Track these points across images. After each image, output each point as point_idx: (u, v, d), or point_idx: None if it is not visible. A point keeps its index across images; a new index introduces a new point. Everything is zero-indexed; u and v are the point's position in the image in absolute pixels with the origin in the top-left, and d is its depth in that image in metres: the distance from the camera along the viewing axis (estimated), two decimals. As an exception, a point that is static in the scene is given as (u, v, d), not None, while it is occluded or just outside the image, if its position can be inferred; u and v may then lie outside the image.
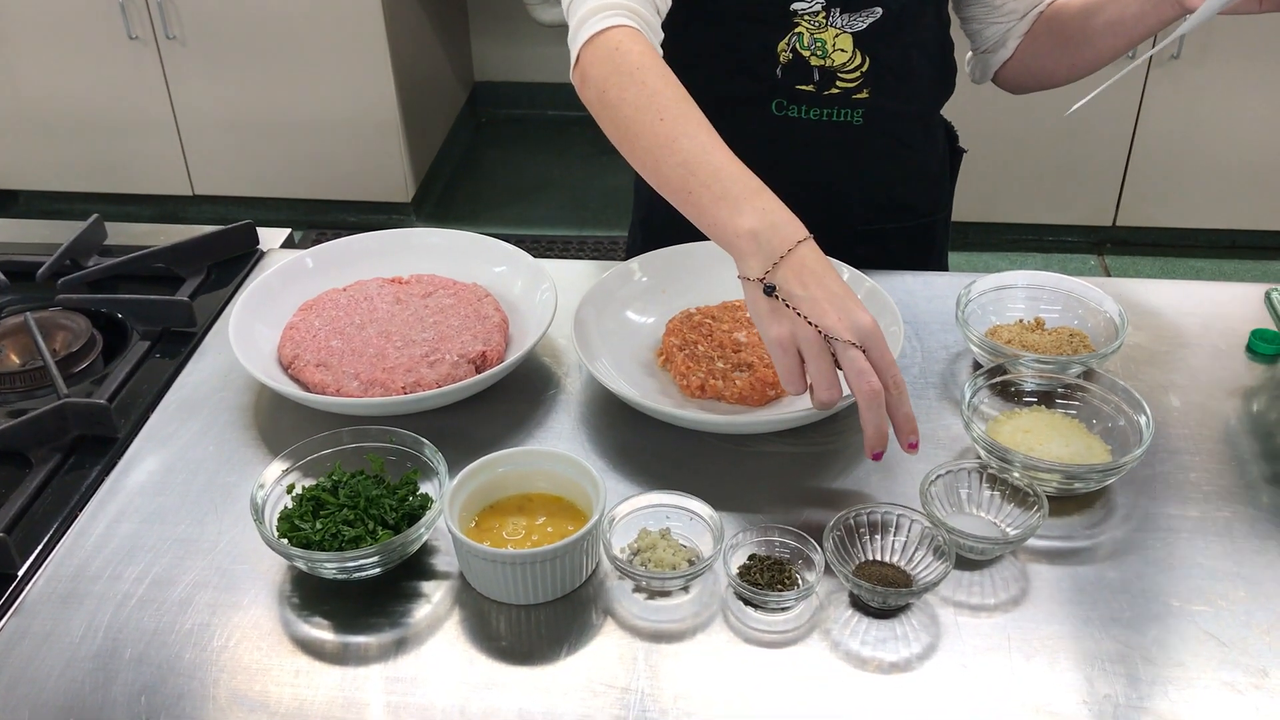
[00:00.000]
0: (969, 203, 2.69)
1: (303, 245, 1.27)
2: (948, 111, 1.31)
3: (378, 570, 0.85)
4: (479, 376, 0.99)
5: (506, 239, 1.19)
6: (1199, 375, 1.04)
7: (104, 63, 2.99)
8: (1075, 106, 1.06)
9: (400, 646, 0.80)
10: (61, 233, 1.26)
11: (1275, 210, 2.88)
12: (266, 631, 0.82)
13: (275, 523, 0.87)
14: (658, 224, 1.32)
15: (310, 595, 0.85)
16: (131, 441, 1.00)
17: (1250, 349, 1.07)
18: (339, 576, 0.84)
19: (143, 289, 1.20)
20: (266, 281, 1.13)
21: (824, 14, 1.13)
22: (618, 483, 0.93)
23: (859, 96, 1.17)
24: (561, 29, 3.51)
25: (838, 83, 1.16)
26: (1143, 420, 0.92)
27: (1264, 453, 0.96)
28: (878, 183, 1.25)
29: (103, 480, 0.96)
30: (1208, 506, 0.90)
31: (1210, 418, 0.99)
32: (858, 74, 1.16)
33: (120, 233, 1.31)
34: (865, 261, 1.13)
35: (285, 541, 0.84)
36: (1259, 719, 0.74)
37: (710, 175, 0.88)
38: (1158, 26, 1.10)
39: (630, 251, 1.36)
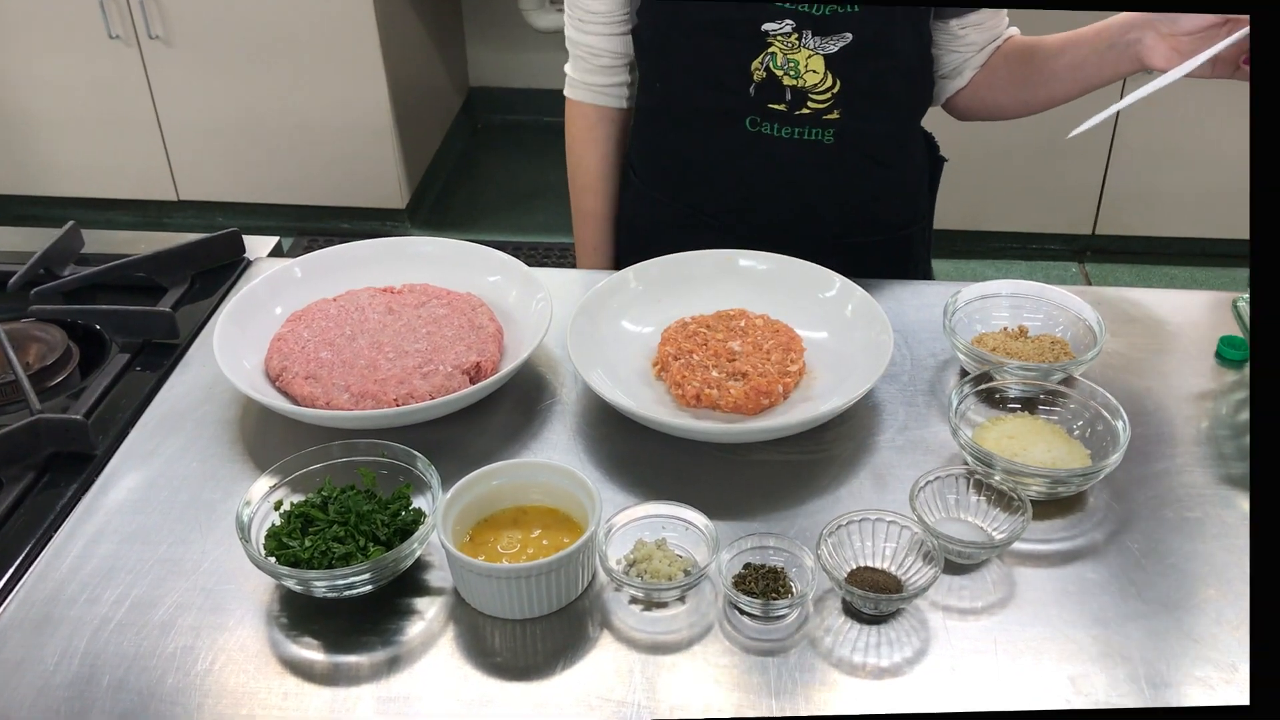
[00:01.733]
0: (955, 211, 2.75)
1: (293, 253, 1.24)
2: (929, 122, 1.32)
3: (369, 587, 0.83)
4: (473, 388, 0.98)
5: (502, 245, 1.18)
6: (1172, 381, 1.08)
7: (83, 62, 2.94)
8: (1077, 130, 1.06)
9: (393, 665, 0.79)
10: (35, 240, 1.24)
11: (1242, 220, 2.99)
12: (253, 653, 0.80)
13: (262, 541, 0.84)
14: (642, 226, 1.35)
15: (299, 614, 0.83)
16: (110, 458, 0.97)
17: (1219, 355, 1.11)
18: (329, 594, 0.82)
19: (122, 299, 1.17)
20: (253, 291, 1.10)
21: (796, 35, 1.14)
22: (613, 493, 0.93)
23: (829, 117, 1.18)
24: (556, 34, 3.50)
25: (809, 103, 1.18)
26: (1120, 425, 0.95)
27: (1233, 455, 0.99)
28: (851, 199, 1.26)
29: (79, 499, 0.93)
30: (1180, 507, 0.93)
31: (1182, 422, 1.02)
32: (828, 95, 1.17)
33: (98, 240, 1.28)
34: (840, 273, 1.14)
35: (273, 560, 0.82)
36: (1235, 715, 0.76)
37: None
38: (1115, 77, 1.15)
39: (618, 256, 1.39)
